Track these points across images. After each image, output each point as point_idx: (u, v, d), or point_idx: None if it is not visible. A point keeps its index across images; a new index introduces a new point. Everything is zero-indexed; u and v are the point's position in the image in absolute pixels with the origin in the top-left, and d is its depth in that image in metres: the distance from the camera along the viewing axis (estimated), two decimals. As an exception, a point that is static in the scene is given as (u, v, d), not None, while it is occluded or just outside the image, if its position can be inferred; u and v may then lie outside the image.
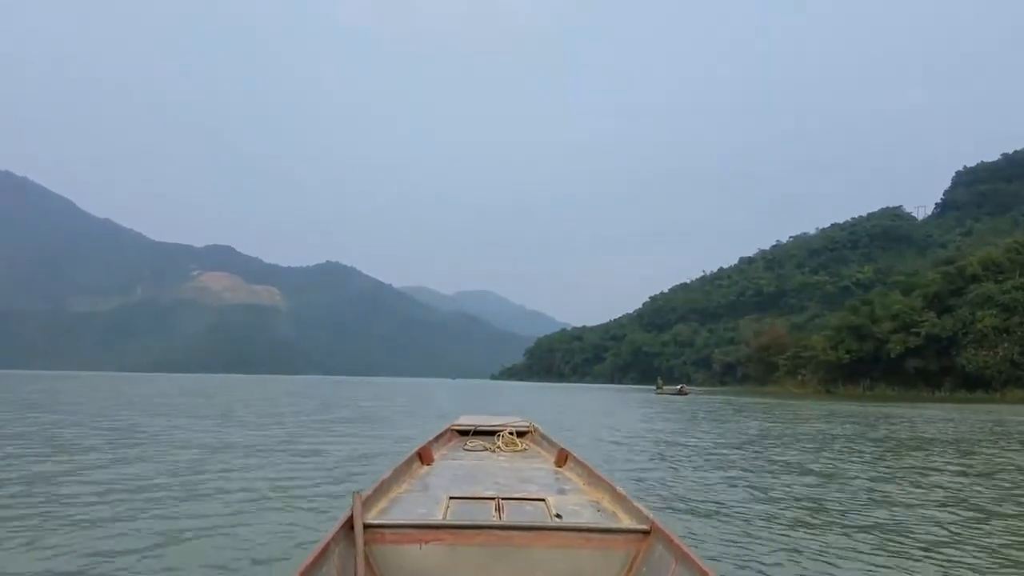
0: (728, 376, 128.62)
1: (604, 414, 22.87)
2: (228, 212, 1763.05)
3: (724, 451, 11.32)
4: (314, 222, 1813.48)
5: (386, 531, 2.78)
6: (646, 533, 2.86)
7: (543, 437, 6.00)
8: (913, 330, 65.27)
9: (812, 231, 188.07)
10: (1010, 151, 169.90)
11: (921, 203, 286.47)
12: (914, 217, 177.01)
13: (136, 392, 34.66)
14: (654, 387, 64.29)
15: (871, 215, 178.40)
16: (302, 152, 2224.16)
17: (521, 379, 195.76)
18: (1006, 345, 59.52)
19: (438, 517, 3.10)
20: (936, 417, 24.67)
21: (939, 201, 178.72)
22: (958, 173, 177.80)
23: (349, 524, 2.71)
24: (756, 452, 11.21)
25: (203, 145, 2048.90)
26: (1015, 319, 59.86)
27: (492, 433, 6.08)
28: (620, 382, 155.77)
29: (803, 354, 76.62)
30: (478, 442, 5.82)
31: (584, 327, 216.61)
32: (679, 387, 55.86)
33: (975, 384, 60.71)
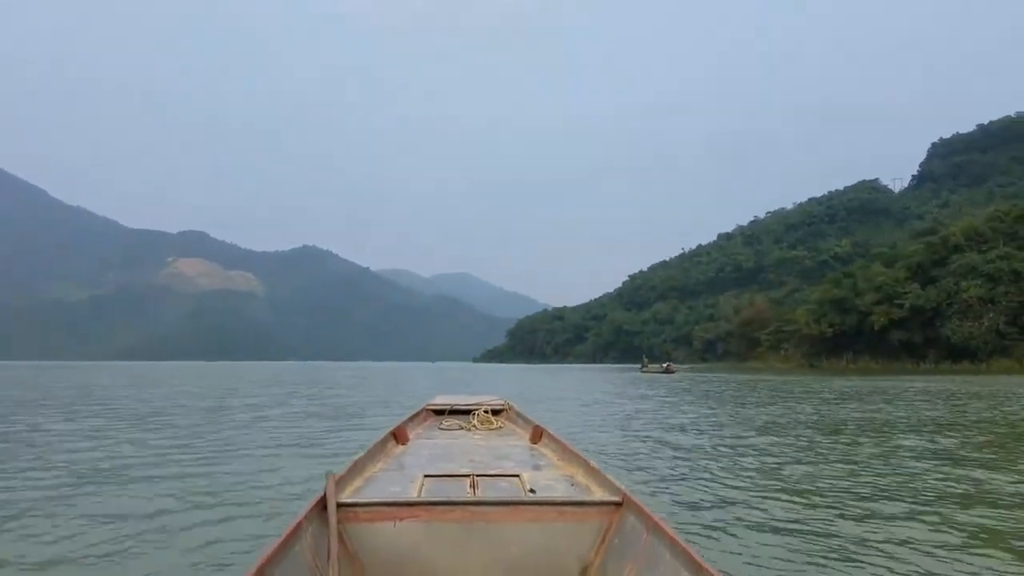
0: (709, 353, 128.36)
1: (592, 396, 21.43)
2: (202, 198, 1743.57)
3: (733, 435, 9.96)
4: (290, 207, 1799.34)
5: (360, 509, 2.76)
6: (618, 505, 2.89)
7: (518, 415, 6.05)
8: (896, 302, 64.61)
9: (790, 206, 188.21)
10: (985, 122, 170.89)
11: (897, 175, 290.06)
12: (891, 190, 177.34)
13: (83, 382, 32.64)
14: (639, 366, 62.88)
15: (848, 188, 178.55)
16: (277, 136, 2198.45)
17: (503, 361, 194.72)
18: (991, 315, 59.02)
19: (412, 495, 3.09)
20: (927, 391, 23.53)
21: (915, 173, 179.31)
22: (934, 145, 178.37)
23: (322, 503, 2.69)
24: (769, 436, 9.88)
25: (176, 131, 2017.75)
26: (1000, 289, 59.33)
27: (467, 412, 6.09)
28: (602, 361, 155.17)
29: (786, 328, 75.96)
30: (453, 421, 5.85)
31: (565, 307, 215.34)
32: (665, 365, 54.28)
33: (960, 355, 60.23)
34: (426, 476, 3.49)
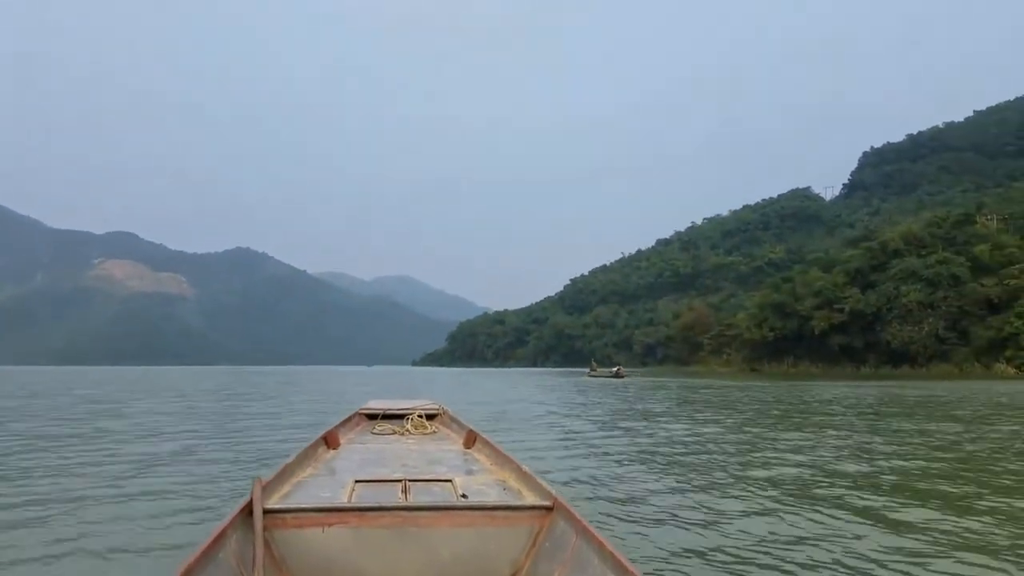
0: (649, 357, 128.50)
1: (545, 406, 19.40)
2: (130, 198, 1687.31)
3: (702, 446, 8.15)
4: (223, 208, 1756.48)
5: (287, 515, 2.72)
6: (549, 509, 2.91)
7: (452, 419, 5.94)
8: (836, 306, 64.70)
9: (725, 212, 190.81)
10: (914, 132, 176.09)
11: (828, 184, 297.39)
12: (822, 198, 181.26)
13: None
14: (587, 370, 60.73)
15: (781, 196, 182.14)
16: (208, 137, 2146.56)
17: (443, 364, 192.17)
18: (931, 320, 59.39)
19: (342, 500, 3.04)
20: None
21: (846, 182, 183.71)
22: (865, 154, 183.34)
23: (248, 509, 2.64)
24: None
25: (102, 127, 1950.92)
26: (939, 294, 59.73)
27: (401, 416, 5.95)
28: (543, 365, 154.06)
29: (727, 333, 75.68)
30: (387, 425, 5.69)
31: (506, 311, 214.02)
32: (615, 369, 51.28)
33: (900, 359, 60.57)
34: (357, 481, 3.40)
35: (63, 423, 13.39)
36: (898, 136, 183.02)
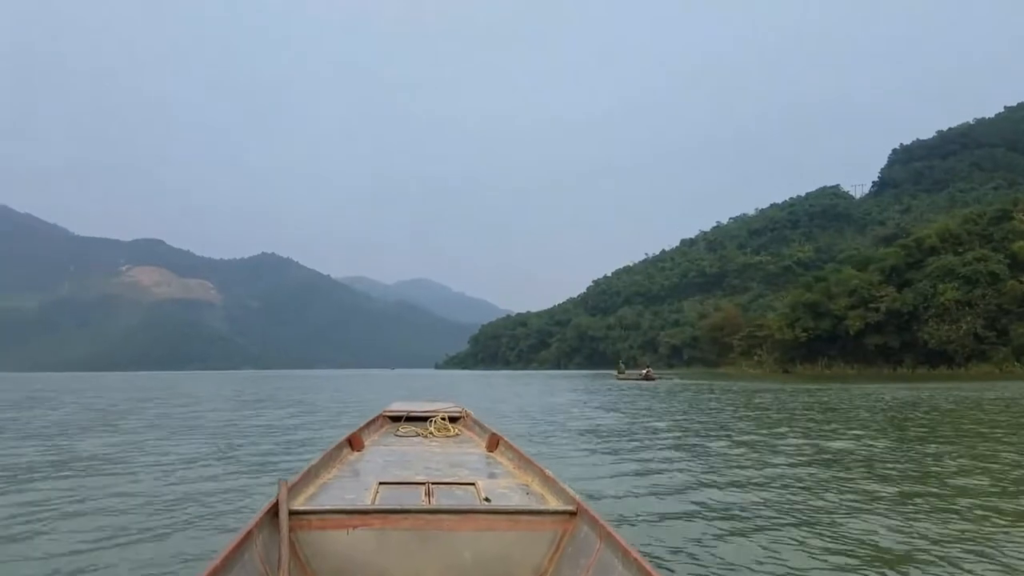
0: (675, 358, 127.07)
1: (575, 410, 18.32)
2: (157, 205, 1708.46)
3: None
4: (249, 214, 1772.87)
5: (312, 517, 2.76)
6: (572, 514, 2.91)
7: (475, 423, 5.93)
8: (871, 305, 62.76)
9: (752, 211, 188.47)
10: (944, 128, 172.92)
11: (858, 182, 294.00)
12: (852, 195, 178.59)
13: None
14: (614, 372, 59.16)
15: (809, 194, 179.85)
16: (234, 142, 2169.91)
17: (466, 367, 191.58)
18: (969, 319, 57.35)
19: (366, 502, 3.09)
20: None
21: (876, 179, 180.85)
22: (894, 151, 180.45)
23: (274, 511, 2.69)
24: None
25: (129, 138, 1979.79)
26: (977, 292, 57.72)
27: (424, 419, 5.96)
28: (566, 367, 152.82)
29: (758, 333, 73.77)
30: (410, 428, 5.74)
31: (528, 313, 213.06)
32: (645, 371, 49.07)
33: (938, 360, 58.60)
34: (381, 483, 3.44)
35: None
36: (908, 135, 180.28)
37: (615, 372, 58.07)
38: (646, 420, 14.84)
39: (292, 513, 2.67)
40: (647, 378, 44.89)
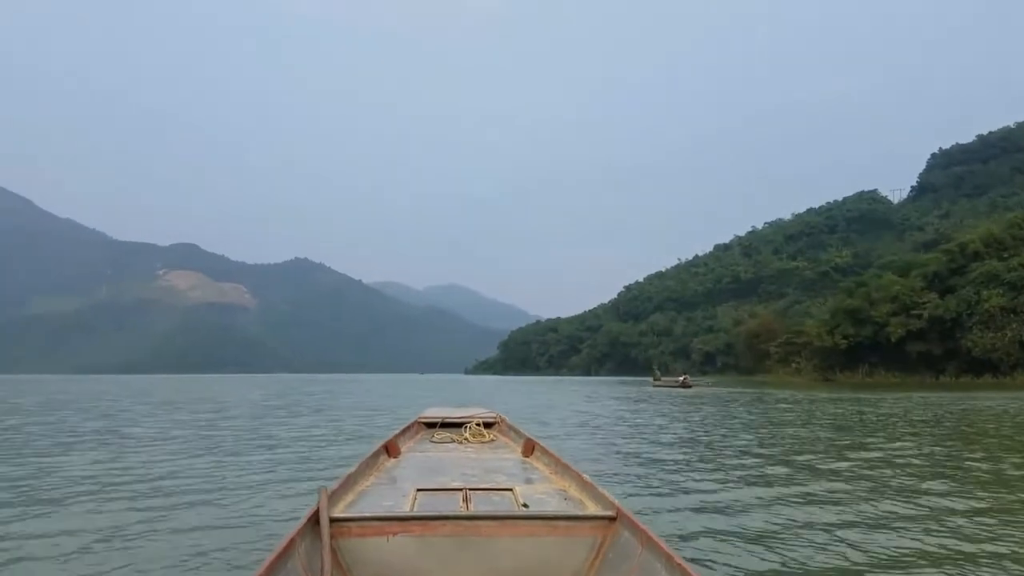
0: (708, 365, 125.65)
1: (605, 421, 17.76)
2: (193, 210, 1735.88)
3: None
4: (282, 219, 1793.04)
5: (352, 524, 2.78)
6: (612, 519, 2.89)
7: (510, 428, 5.91)
8: (914, 312, 61.29)
9: (788, 216, 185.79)
10: (984, 132, 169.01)
11: (895, 187, 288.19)
12: (890, 200, 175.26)
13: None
14: (648, 379, 58.14)
15: (847, 199, 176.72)
16: (268, 148, 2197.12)
17: (495, 373, 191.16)
18: (1014, 326, 55.67)
19: (405, 509, 3.11)
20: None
21: (914, 184, 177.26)
22: (933, 155, 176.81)
23: (315, 519, 2.71)
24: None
25: (167, 143, 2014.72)
26: (1023, 298, 56.05)
27: (459, 425, 5.95)
28: (597, 373, 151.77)
29: (796, 340, 72.36)
30: (445, 434, 5.70)
31: (559, 318, 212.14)
32: (682, 378, 47.85)
33: (982, 368, 56.90)
34: (418, 490, 3.46)
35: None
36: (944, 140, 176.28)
37: (650, 379, 57.17)
38: (710, 435, 14.04)
39: (333, 520, 2.68)
40: (684, 385, 44.06)
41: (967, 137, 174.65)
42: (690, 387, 43.65)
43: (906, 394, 33.89)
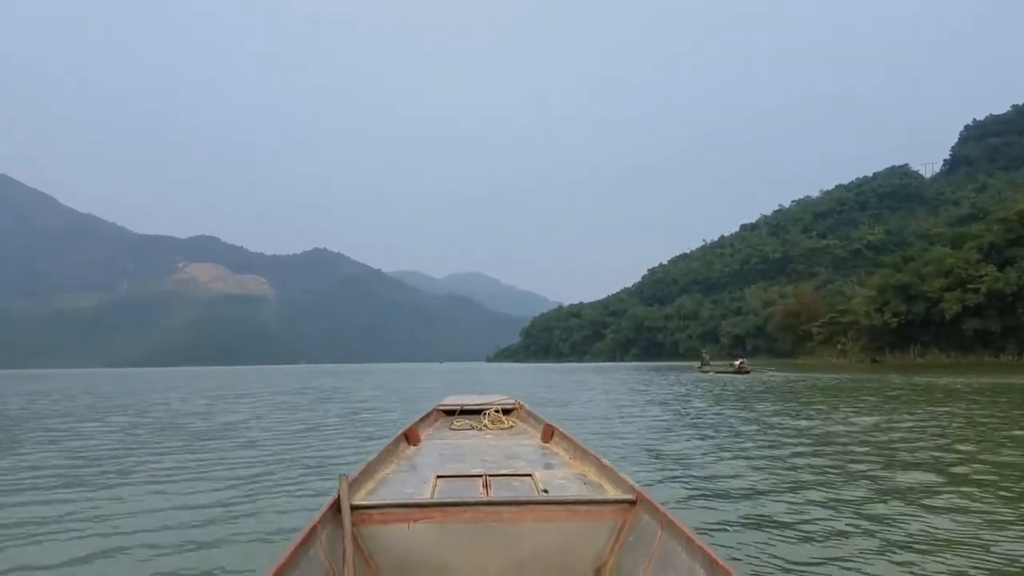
0: (737, 349, 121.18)
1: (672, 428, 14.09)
2: (213, 202, 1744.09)
3: None
4: (300, 210, 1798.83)
5: (373, 512, 2.80)
6: (632, 503, 2.89)
7: (529, 414, 5.92)
8: (970, 286, 56.96)
9: (816, 194, 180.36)
10: (1020, 102, 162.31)
11: (927, 160, 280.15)
12: (922, 175, 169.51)
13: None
14: (679, 363, 53.76)
15: (877, 175, 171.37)
16: (286, 140, 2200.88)
17: (517, 360, 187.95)
18: (1083, 299, 51.42)
19: (425, 496, 3.11)
20: None
21: (947, 157, 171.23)
22: (967, 127, 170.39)
23: (336, 506, 2.73)
24: None
25: (184, 137, 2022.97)
26: (1093, 268, 51.68)
27: (478, 412, 5.99)
28: (622, 359, 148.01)
29: (841, 320, 67.82)
30: (464, 421, 5.74)
31: (581, 304, 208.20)
32: (738, 363, 43.00)
33: (1045, 345, 52.71)
34: (438, 477, 3.47)
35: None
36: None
37: (690, 365, 52.55)
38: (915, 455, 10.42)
39: (354, 508, 2.70)
40: (741, 371, 39.56)
41: (1002, 107, 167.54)
42: (748, 372, 39.42)
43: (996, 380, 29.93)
